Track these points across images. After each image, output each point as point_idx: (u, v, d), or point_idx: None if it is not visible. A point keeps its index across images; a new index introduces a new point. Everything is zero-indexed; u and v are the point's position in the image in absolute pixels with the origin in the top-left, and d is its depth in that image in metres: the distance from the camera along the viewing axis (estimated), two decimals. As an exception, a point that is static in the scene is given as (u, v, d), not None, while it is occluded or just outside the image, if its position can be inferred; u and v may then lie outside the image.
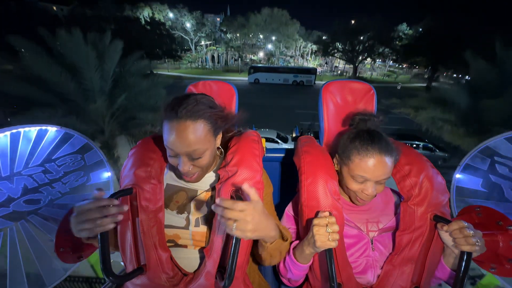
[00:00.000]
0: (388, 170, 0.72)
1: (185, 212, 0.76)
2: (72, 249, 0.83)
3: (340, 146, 0.82)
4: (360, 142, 0.74)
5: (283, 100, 18.83)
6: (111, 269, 0.61)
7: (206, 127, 0.67)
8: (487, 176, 1.18)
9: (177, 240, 0.75)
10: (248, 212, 0.56)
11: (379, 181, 0.73)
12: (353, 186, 0.76)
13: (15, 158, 1.17)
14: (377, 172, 0.71)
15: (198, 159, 0.67)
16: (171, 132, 0.64)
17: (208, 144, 0.68)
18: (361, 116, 0.84)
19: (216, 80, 1.03)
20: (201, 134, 0.65)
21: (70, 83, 4.38)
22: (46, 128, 1.29)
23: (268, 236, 0.67)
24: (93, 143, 1.42)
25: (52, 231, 1.14)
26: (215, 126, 0.70)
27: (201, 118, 0.66)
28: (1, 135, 1.16)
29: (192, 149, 0.65)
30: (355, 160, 0.73)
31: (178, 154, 0.66)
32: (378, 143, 0.72)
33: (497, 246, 0.79)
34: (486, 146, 1.21)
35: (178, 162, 0.67)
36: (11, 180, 1.13)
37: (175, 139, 0.64)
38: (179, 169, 0.68)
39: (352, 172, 0.74)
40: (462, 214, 1.00)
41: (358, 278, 0.77)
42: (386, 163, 0.71)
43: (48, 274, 1.09)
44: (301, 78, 26.04)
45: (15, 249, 1.05)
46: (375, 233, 0.80)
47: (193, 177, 0.71)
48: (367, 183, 0.74)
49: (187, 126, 0.64)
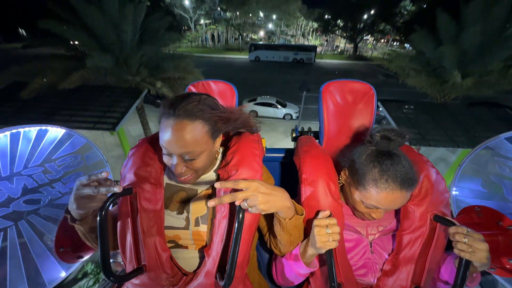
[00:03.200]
0: (405, 202, 0.67)
1: (185, 212, 0.75)
2: (72, 249, 0.83)
3: (351, 164, 0.74)
4: (380, 172, 0.65)
5: (283, 76, 19.44)
6: (111, 269, 0.61)
7: (204, 129, 0.64)
8: (487, 176, 1.18)
9: (178, 240, 0.75)
10: (253, 187, 0.56)
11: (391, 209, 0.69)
12: (362, 209, 0.72)
13: (15, 158, 1.17)
14: (392, 206, 0.66)
15: (192, 160, 0.65)
16: (167, 131, 0.62)
17: (205, 146, 0.66)
18: (384, 133, 0.70)
19: (217, 80, 1.03)
20: (198, 135, 0.63)
21: (112, 33, 5.44)
22: (46, 128, 1.29)
23: (284, 206, 0.66)
24: (93, 143, 1.43)
25: (52, 231, 1.14)
26: (214, 128, 0.67)
27: (199, 119, 0.63)
28: (1, 135, 1.16)
29: (187, 151, 0.62)
30: (371, 191, 0.66)
31: (171, 154, 0.65)
32: (400, 176, 0.63)
33: (497, 246, 0.79)
34: (486, 146, 1.21)
35: (172, 162, 0.65)
36: (11, 180, 1.13)
37: (170, 138, 0.61)
38: (172, 170, 0.66)
39: (364, 200, 0.69)
40: (462, 214, 1.00)
41: (358, 280, 0.78)
42: (404, 197, 0.65)
43: (48, 274, 1.09)
44: (301, 56, 26.19)
45: (15, 249, 1.05)
46: (375, 235, 0.80)
47: (186, 179, 0.69)
48: (378, 210, 0.69)
49: (183, 125, 0.61)
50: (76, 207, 0.58)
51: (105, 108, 4.95)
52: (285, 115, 11.59)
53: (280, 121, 11.52)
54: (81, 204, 0.58)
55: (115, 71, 5.87)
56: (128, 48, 5.77)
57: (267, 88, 14.90)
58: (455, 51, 5.47)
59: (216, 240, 0.68)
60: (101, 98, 5.21)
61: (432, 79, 6.28)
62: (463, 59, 5.60)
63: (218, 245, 0.67)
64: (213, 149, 0.70)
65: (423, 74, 6.46)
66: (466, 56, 5.59)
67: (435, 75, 6.30)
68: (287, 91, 14.53)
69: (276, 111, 11.58)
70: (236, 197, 0.56)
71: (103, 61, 5.32)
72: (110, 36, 5.46)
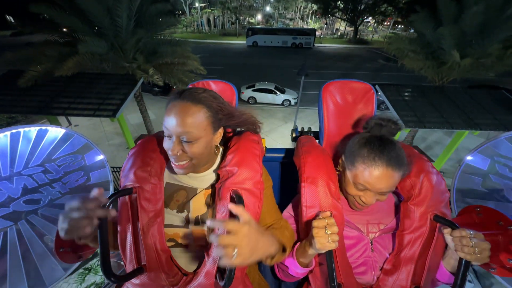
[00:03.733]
0: (393, 184, 0.68)
1: (185, 210, 0.76)
2: (72, 249, 0.83)
3: (347, 149, 0.78)
4: (369, 150, 0.70)
5: (281, 61, 19.32)
6: (111, 269, 0.61)
7: (205, 114, 0.66)
8: (487, 176, 1.18)
9: (178, 239, 0.75)
10: (242, 234, 0.52)
11: (382, 193, 0.70)
12: (352, 191, 0.74)
13: (15, 158, 1.17)
14: (379, 185, 0.68)
15: (189, 143, 0.65)
16: (170, 111, 0.65)
17: (204, 132, 0.67)
18: (377, 120, 0.76)
19: (217, 80, 1.03)
20: (198, 118, 0.65)
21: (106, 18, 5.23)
22: (46, 128, 1.29)
23: (268, 254, 0.64)
24: (93, 143, 1.43)
25: (52, 231, 1.14)
26: (216, 117, 0.69)
27: (202, 103, 0.66)
28: (1, 135, 1.16)
29: (186, 131, 0.64)
30: (359, 168, 0.70)
31: (171, 135, 0.66)
32: (387, 155, 0.68)
33: (497, 246, 0.79)
34: (486, 146, 1.21)
35: (169, 147, 0.66)
36: (11, 180, 1.13)
37: (172, 117, 0.64)
38: (169, 153, 0.66)
39: (354, 179, 0.72)
40: (462, 214, 1.00)
41: (358, 278, 0.78)
42: (391, 177, 0.67)
43: (48, 274, 1.09)
44: (300, 40, 25.70)
45: (15, 249, 1.05)
46: (375, 234, 0.80)
47: (182, 166, 0.68)
48: (367, 191, 0.72)
49: (186, 107, 0.64)
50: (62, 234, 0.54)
51: (103, 95, 4.89)
52: (284, 101, 11.50)
53: (279, 107, 11.43)
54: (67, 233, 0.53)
55: (110, 57, 5.73)
56: (123, 34, 5.65)
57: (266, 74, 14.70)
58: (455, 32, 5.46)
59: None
60: (99, 86, 5.14)
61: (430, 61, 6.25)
62: (462, 41, 5.58)
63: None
64: (212, 140, 0.71)
65: (421, 55, 6.40)
66: (465, 38, 5.58)
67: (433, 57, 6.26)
68: (285, 77, 14.34)
69: (274, 97, 11.48)
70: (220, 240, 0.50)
71: (97, 47, 5.22)
72: (104, 21, 5.33)
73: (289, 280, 0.85)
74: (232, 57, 21.30)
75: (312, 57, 21.03)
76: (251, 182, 0.71)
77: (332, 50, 25.82)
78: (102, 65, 5.94)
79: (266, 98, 11.53)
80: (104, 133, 8.96)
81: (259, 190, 0.73)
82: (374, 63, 19.23)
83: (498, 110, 4.65)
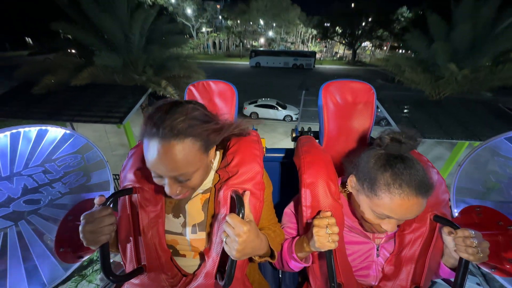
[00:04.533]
0: (420, 211, 0.60)
1: (181, 215, 0.74)
2: (72, 249, 0.83)
3: (360, 169, 0.68)
4: (392, 176, 0.59)
5: (283, 81, 20.12)
6: (111, 269, 0.61)
7: (195, 146, 0.57)
8: (487, 176, 1.18)
9: (176, 245, 0.74)
10: (241, 232, 0.56)
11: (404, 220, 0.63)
12: (372, 219, 0.66)
13: (15, 158, 1.17)
14: (407, 215, 0.59)
15: (187, 181, 0.59)
16: (152, 153, 0.54)
17: (199, 163, 0.60)
18: (394, 136, 0.64)
19: (217, 80, 1.03)
20: (189, 154, 0.55)
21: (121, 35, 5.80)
22: (46, 128, 1.29)
23: (257, 254, 0.67)
24: (93, 143, 1.43)
25: (52, 231, 1.14)
26: (207, 142, 0.61)
27: (187, 136, 0.55)
28: (1, 135, 1.16)
29: (179, 173, 0.56)
30: (383, 197, 0.60)
31: (163, 177, 0.59)
32: (415, 180, 0.57)
33: (497, 246, 0.79)
34: (486, 146, 1.21)
35: (164, 183, 0.59)
36: (11, 180, 1.13)
37: (157, 162, 0.54)
38: (166, 191, 0.60)
39: (375, 208, 0.63)
40: (462, 214, 1.00)
41: (360, 280, 0.77)
42: (421, 205, 0.58)
43: (48, 274, 1.09)
44: (301, 62, 27.08)
45: (15, 249, 1.05)
46: (382, 239, 0.79)
47: (182, 196, 0.64)
48: (390, 220, 0.63)
49: (171, 146, 0.53)
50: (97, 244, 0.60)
51: (112, 103, 5.09)
52: (285, 116, 11.76)
53: (281, 123, 11.67)
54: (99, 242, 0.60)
55: (122, 70, 6.18)
56: (135, 49, 6.15)
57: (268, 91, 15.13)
58: (447, 48, 5.77)
59: (216, 241, 0.68)
60: (108, 96, 5.39)
61: (427, 74, 6.54)
62: (455, 56, 5.85)
63: (218, 246, 0.67)
64: (208, 161, 0.65)
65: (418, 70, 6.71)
66: (457, 53, 5.86)
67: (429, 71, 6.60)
68: (287, 94, 14.79)
69: (276, 112, 11.77)
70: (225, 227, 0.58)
71: (111, 61, 5.65)
72: (118, 38, 5.81)
73: (286, 270, 0.84)
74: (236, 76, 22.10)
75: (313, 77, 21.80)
76: (251, 183, 0.71)
77: (331, 71, 26.85)
78: (113, 77, 6.35)
79: (268, 114, 11.79)
80: (108, 144, 9.13)
81: (260, 191, 0.72)
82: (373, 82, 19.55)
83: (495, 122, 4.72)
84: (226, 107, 1.01)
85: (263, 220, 0.79)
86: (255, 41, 40.66)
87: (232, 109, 1.01)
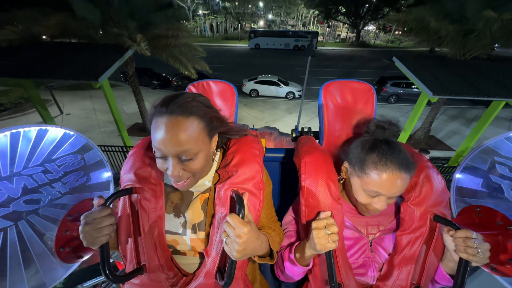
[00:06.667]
0: (405, 186, 0.68)
1: (181, 215, 0.74)
2: (72, 249, 0.83)
3: (351, 155, 0.76)
4: (379, 155, 0.67)
5: (284, 61, 19.72)
6: (111, 269, 0.61)
7: (200, 125, 0.61)
8: (487, 176, 1.17)
9: (176, 245, 0.74)
10: (241, 233, 0.56)
11: (393, 197, 0.69)
12: (364, 199, 0.72)
13: (15, 158, 1.17)
14: (393, 189, 0.67)
15: (189, 161, 0.61)
16: (160, 129, 0.57)
17: (202, 145, 0.62)
18: (378, 123, 0.75)
19: (217, 80, 1.03)
20: (194, 132, 0.59)
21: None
22: (46, 128, 1.29)
23: (257, 254, 0.68)
24: (93, 143, 1.42)
25: (52, 231, 1.14)
26: (210, 125, 0.65)
27: (194, 115, 0.60)
28: (1, 135, 1.16)
29: (183, 149, 0.58)
30: (371, 175, 0.68)
31: (166, 156, 0.60)
32: (397, 157, 0.66)
33: (497, 246, 0.79)
34: (486, 146, 1.21)
35: (167, 165, 0.61)
36: (11, 180, 1.12)
37: (164, 137, 0.57)
38: (168, 174, 0.62)
39: (365, 186, 0.70)
40: (462, 214, 1.00)
41: (358, 279, 0.78)
42: (405, 179, 0.66)
43: (48, 274, 1.08)
44: (303, 43, 25.95)
45: (15, 249, 1.05)
46: (375, 235, 0.80)
47: (183, 184, 0.65)
48: (379, 197, 0.70)
49: (178, 122, 0.57)
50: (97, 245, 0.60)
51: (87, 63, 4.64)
52: (288, 93, 11.19)
53: (282, 100, 11.25)
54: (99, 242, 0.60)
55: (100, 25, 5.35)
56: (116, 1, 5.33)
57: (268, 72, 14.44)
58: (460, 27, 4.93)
59: (216, 240, 0.68)
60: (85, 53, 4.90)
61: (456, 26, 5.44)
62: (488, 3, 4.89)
63: (218, 245, 0.67)
64: (209, 150, 0.68)
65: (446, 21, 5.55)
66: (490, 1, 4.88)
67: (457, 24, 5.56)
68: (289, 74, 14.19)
69: (278, 89, 11.17)
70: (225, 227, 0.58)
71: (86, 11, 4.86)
72: None
73: (287, 281, 0.85)
74: (234, 57, 21.52)
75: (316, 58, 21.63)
76: (251, 183, 0.71)
77: (335, 52, 26.08)
78: (89, 33, 5.48)
79: (269, 91, 11.21)
80: (97, 121, 9.10)
81: (260, 191, 0.72)
82: (378, 62, 19.38)
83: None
84: (226, 107, 1.01)
85: (262, 219, 0.79)
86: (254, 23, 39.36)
87: (232, 109, 1.01)
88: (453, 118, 9.49)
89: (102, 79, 4.32)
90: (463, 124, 8.73)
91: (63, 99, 10.33)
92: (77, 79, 4.28)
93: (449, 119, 9.47)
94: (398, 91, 10.78)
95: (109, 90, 5.20)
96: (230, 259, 0.59)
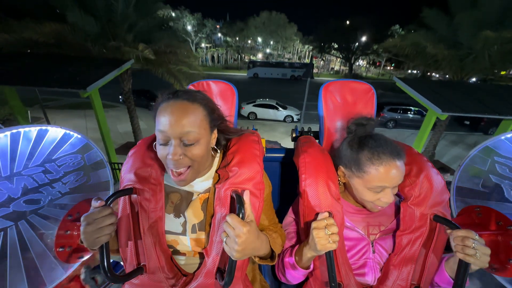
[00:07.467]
0: (403, 172, 0.70)
1: (181, 215, 0.74)
2: (72, 249, 0.83)
3: (343, 158, 0.77)
4: (370, 151, 0.70)
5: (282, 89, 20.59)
6: (111, 269, 0.61)
7: (202, 112, 0.65)
8: (487, 176, 1.17)
9: (176, 245, 0.74)
10: (241, 233, 0.56)
11: (396, 186, 0.71)
12: (370, 197, 0.73)
13: (15, 158, 1.17)
14: (395, 179, 0.68)
15: (190, 146, 0.62)
16: (165, 112, 0.61)
17: (204, 132, 0.65)
18: (357, 121, 0.79)
19: (217, 80, 1.03)
20: (197, 117, 0.63)
21: None
22: (46, 128, 1.29)
23: (257, 254, 0.68)
24: (93, 143, 1.42)
25: (52, 231, 1.14)
26: (212, 116, 0.69)
27: (198, 102, 0.65)
28: (1, 135, 1.16)
29: (186, 130, 0.60)
30: (371, 171, 0.69)
31: (169, 139, 0.61)
32: (387, 148, 0.69)
33: (497, 246, 0.79)
34: (486, 146, 1.21)
35: (168, 150, 0.61)
36: (11, 180, 1.12)
37: (169, 118, 0.60)
38: (168, 159, 0.61)
39: (369, 184, 0.71)
40: (462, 214, 1.00)
41: (358, 279, 0.77)
42: (400, 166, 0.69)
43: (48, 274, 1.08)
44: (298, 73, 27.75)
45: (15, 249, 1.05)
46: (376, 235, 0.80)
47: (182, 177, 0.65)
48: (385, 190, 0.71)
49: (184, 105, 0.62)
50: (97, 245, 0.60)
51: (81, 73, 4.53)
52: (286, 117, 11.33)
53: (281, 123, 11.35)
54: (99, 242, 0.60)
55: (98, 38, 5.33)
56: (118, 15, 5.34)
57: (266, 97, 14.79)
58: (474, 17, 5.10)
59: (216, 240, 0.68)
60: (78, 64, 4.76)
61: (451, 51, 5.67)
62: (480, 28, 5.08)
63: (218, 245, 0.67)
64: (209, 142, 0.70)
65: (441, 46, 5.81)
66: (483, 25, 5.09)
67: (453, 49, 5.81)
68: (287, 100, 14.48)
69: (276, 113, 11.32)
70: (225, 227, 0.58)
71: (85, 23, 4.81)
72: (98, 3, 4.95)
73: (288, 282, 0.85)
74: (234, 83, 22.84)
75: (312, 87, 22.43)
76: (251, 183, 0.71)
77: None
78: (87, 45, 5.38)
79: (267, 114, 11.33)
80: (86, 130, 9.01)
81: (260, 191, 0.72)
82: None
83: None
84: (226, 107, 1.01)
85: (264, 221, 0.79)
86: (253, 56, 42.26)
87: (232, 109, 1.01)
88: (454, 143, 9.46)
89: (91, 89, 4.15)
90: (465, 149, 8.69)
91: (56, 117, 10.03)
92: (63, 87, 4.11)
93: (450, 144, 9.42)
94: (396, 116, 11.06)
95: (98, 101, 5.00)
96: (230, 259, 0.59)
